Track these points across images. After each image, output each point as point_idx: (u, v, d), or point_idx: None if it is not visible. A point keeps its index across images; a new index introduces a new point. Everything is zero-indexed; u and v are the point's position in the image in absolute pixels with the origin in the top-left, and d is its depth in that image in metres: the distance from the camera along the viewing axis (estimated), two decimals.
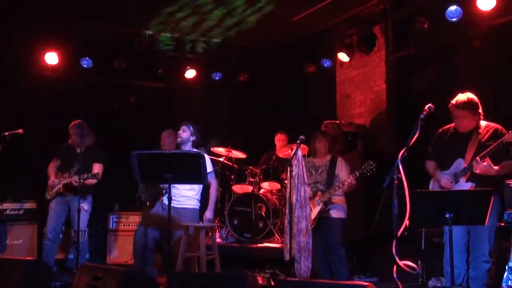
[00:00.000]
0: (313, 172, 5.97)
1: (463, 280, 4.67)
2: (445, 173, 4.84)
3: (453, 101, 4.75)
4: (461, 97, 4.73)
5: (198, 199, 5.94)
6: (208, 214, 5.85)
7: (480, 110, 4.76)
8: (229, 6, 7.49)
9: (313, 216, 5.74)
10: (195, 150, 5.88)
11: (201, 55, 8.94)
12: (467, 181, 4.69)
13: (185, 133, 5.86)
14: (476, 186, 4.62)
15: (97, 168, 6.45)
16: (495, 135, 4.67)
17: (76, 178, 6.23)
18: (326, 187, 5.81)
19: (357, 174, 5.62)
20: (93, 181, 6.32)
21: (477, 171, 4.56)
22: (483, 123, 4.79)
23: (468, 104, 4.70)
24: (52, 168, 6.61)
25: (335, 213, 5.81)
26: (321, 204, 5.76)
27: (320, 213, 5.77)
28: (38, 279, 4.54)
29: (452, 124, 4.91)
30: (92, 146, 6.64)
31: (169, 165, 5.01)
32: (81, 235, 6.36)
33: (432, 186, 5.00)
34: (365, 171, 5.55)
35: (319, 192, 5.81)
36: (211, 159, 6.27)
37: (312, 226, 5.70)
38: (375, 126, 8.00)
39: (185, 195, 5.82)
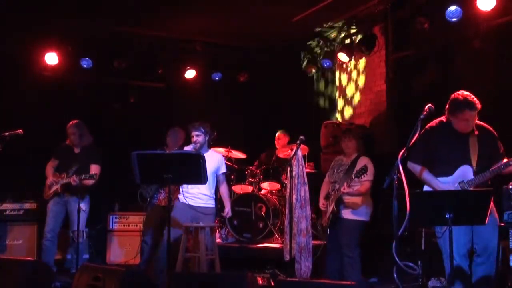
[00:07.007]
0: (335, 171, 5.88)
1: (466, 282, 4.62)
2: (445, 181, 4.60)
3: (470, 101, 4.42)
4: (471, 96, 4.47)
5: (214, 198, 6.02)
6: (229, 210, 6.08)
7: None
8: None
9: (327, 215, 5.72)
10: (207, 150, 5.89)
11: (201, 55, 8.93)
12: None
13: (200, 137, 5.80)
14: None
15: (94, 169, 6.41)
16: (491, 138, 4.58)
17: (75, 178, 6.22)
18: (340, 186, 5.67)
19: (349, 183, 5.51)
20: (91, 181, 6.29)
21: None
22: None
23: (477, 104, 4.48)
24: (50, 168, 6.58)
25: (347, 214, 5.68)
26: (333, 204, 5.69)
27: (332, 213, 5.71)
28: (38, 279, 4.55)
29: (437, 121, 4.69)
30: (90, 146, 6.61)
31: (169, 166, 5.01)
32: (80, 235, 6.36)
33: None
34: (359, 175, 5.42)
35: (334, 192, 5.74)
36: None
37: (326, 224, 5.70)
38: (375, 126, 7.99)
39: (207, 194, 5.86)
